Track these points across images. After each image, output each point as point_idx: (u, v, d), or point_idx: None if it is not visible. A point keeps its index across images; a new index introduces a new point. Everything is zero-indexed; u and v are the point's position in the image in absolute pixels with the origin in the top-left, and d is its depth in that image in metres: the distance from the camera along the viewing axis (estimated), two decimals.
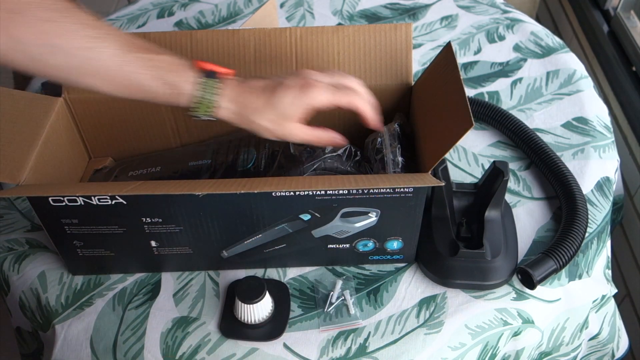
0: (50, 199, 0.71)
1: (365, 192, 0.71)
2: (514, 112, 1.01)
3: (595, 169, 0.94)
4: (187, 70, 0.67)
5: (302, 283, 0.82)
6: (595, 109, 1.04)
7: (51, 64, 0.62)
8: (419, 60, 1.15)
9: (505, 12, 1.26)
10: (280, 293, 0.80)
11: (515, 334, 0.79)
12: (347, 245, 0.80)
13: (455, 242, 0.80)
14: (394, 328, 0.76)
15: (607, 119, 1.03)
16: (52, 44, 0.60)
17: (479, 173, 0.94)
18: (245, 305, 0.73)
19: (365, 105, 0.73)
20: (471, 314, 0.77)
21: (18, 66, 0.61)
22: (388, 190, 0.71)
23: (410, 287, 0.81)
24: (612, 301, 0.91)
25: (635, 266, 1.24)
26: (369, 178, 0.74)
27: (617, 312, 0.94)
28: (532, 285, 0.78)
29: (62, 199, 0.71)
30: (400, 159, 0.78)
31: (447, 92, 0.75)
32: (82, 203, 0.71)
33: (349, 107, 0.72)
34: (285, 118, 0.70)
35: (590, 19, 1.54)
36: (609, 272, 0.92)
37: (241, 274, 0.83)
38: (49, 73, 0.63)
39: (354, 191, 0.71)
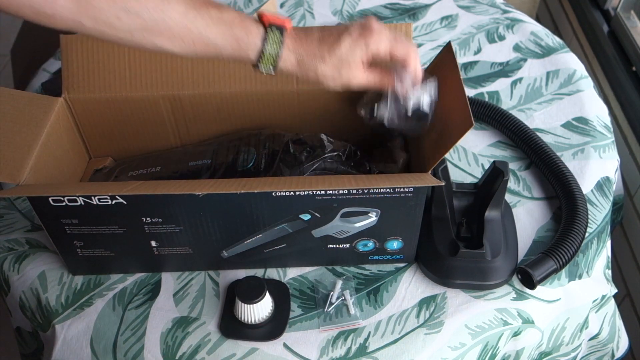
0: (50, 199, 0.71)
1: (365, 192, 0.71)
2: (514, 112, 1.01)
3: (595, 169, 0.94)
4: (253, 25, 0.68)
5: (302, 283, 0.82)
6: (595, 109, 1.04)
7: (123, 28, 0.62)
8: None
9: (505, 12, 1.26)
10: (280, 293, 0.80)
11: (515, 334, 0.79)
12: (347, 245, 0.80)
13: (455, 242, 0.80)
14: (394, 328, 0.76)
15: (607, 119, 1.03)
16: (125, 7, 0.61)
17: (479, 173, 0.94)
18: (245, 305, 0.73)
19: (418, 61, 0.73)
20: (471, 314, 0.77)
21: (87, 31, 0.62)
22: (388, 190, 0.71)
23: (410, 287, 0.81)
24: (612, 301, 0.91)
25: (635, 266, 1.24)
26: (369, 178, 0.74)
27: (617, 312, 0.94)
28: (532, 285, 0.78)
29: (62, 199, 0.71)
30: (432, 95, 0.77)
31: (447, 92, 0.75)
32: (82, 203, 0.71)
33: (404, 59, 0.72)
34: (345, 64, 0.69)
35: (590, 19, 1.53)
36: (609, 272, 0.92)
37: (241, 274, 0.83)
38: (119, 36, 0.63)
39: (354, 191, 0.71)
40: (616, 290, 0.90)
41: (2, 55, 2.26)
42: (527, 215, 0.89)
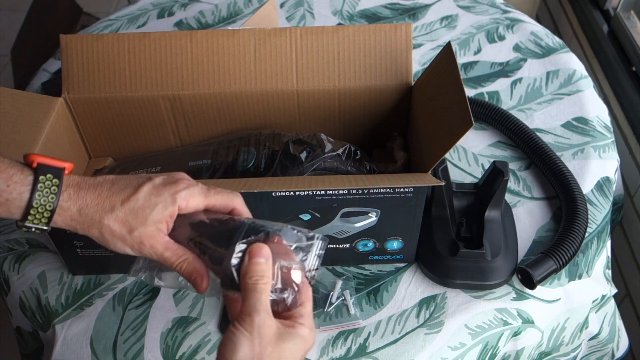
0: None
1: (365, 192, 0.71)
2: (514, 112, 1.01)
3: (595, 169, 0.94)
4: (16, 168, 0.53)
5: None
6: (595, 109, 1.04)
7: None
8: (419, 60, 1.15)
9: (505, 12, 1.26)
10: None
11: (515, 334, 0.79)
12: (347, 245, 0.80)
13: (455, 242, 0.80)
14: (394, 328, 0.76)
15: (607, 119, 1.03)
16: None
17: (479, 173, 0.94)
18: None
19: (244, 207, 0.59)
20: (471, 314, 0.77)
21: None
22: (388, 190, 0.71)
23: (410, 287, 0.81)
24: (612, 301, 0.91)
25: (635, 266, 1.24)
26: (369, 178, 0.74)
27: (617, 312, 0.94)
28: (532, 285, 0.78)
29: None
30: None
31: (447, 92, 0.75)
32: None
33: (225, 205, 0.58)
34: (140, 218, 0.54)
35: (590, 19, 1.54)
36: (609, 272, 0.92)
37: None
38: None
39: (354, 191, 0.71)
40: (616, 290, 0.90)
41: (2, 55, 2.26)
42: (527, 215, 0.89)
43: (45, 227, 0.54)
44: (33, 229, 0.54)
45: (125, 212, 0.54)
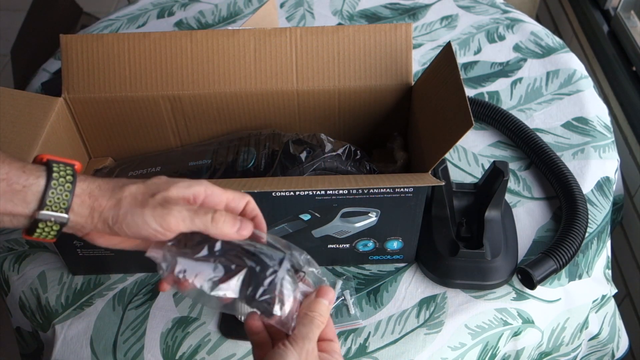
0: None
1: (365, 192, 0.71)
2: (514, 112, 1.01)
3: (595, 169, 0.94)
4: (26, 163, 0.51)
5: None
6: (595, 109, 1.04)
7: None
8: (419, 60, 1.15)
9: (505, 12, 1.26)
10: None
11: (515, 334, 0.79)
12: (347, 245, 0.80)
13: (455, 242, 0.80)
14: (394, 328, 0.76)
15: (607, 119, 1.03)
16: None
17: (479, 173, 0.94)
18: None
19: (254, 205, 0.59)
20: (471, 314, 0.77)
21: None
22: (388, 190, 0.71)
23: (410, 287, 0.81)
24: (612, 301, 0.91)
25: (635, 266, 1.24)
26: (369, 178, 0.74)
27: (617, 312, 0.94)
28: (532, 285, 0.78)
29: None
30: None
31: (447, 92, 0.75)
32: None
33: (241, 202, 0.58)
34: (165, 188, 0.53)
35: (590, 19, 1.54)
36: (609, 272, 0.92)
37: None
38: None
39: (354, 191, 0.71)
40: (616, 290, 0.90)
41: (2, 55, 2.26)
42: (527, 215, 0.89)
43: (64, 215, 0.51)
44: (52, 220, 0.51)
45: (148, 184, 0.53)
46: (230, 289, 0.54)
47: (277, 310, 0.55)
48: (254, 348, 0.59)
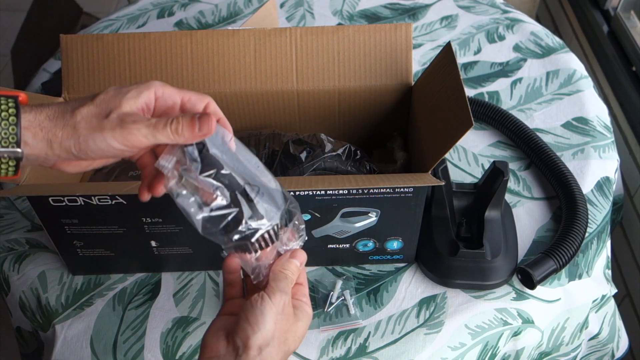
0: (50, 199, 0.71)
1: (365, 192, 0.71)
2: (514, 112, 1.01)
3: (595, 169, 0.94)
4: None
5: None
6: (595, 109, 1.04)
7: None
8: (419, 60, 1.15)
9: (505, 12, 1.26)
10: None
11: (515, 334, 0.79)
12: (347, 245, 0.80)
13: (455, 242, 0.80)
14: (394, 328, 0.76)
15: (607, 119, 1.03)
16: None
17: (479, 173, 0.94)
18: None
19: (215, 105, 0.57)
20: (471, 314, 0.77)
21: None
22: (388, 190, 0.71)
23: (410, 287, 0.81)
24: (612, 301, 0.91)
25: (635, 266, 1.24)
26: (369, 178, 0.74)
27: (617, 312, 0.94)
28: (532, 285, 0.78)
29: (62, 199, 0.71)
30: None
31: (447, 92, 0.75)
32: (82, 203, 0.71)
33: (201, 102, 0.56)
34: (117, 104, 0.51)
35: (590, 19, 1.54)
36: (609, 272, 0.92)
37: None
38: None
39: (354, 191, 0.71)
40: (616, 290, 0.90)
41: (2, 55, 2.26)
42: (527, 215, 0.89)
43: (17, 149, 0.49)
44: (6, 156, 0.49)
45: (97, 103, 0.51)
46: (220, 210, 0.55)
47: (254, 252, 0.57)
48: (225, 286, 0.62)
